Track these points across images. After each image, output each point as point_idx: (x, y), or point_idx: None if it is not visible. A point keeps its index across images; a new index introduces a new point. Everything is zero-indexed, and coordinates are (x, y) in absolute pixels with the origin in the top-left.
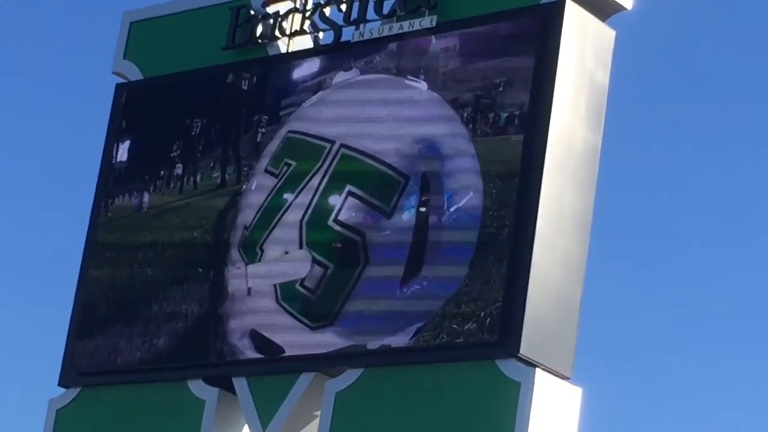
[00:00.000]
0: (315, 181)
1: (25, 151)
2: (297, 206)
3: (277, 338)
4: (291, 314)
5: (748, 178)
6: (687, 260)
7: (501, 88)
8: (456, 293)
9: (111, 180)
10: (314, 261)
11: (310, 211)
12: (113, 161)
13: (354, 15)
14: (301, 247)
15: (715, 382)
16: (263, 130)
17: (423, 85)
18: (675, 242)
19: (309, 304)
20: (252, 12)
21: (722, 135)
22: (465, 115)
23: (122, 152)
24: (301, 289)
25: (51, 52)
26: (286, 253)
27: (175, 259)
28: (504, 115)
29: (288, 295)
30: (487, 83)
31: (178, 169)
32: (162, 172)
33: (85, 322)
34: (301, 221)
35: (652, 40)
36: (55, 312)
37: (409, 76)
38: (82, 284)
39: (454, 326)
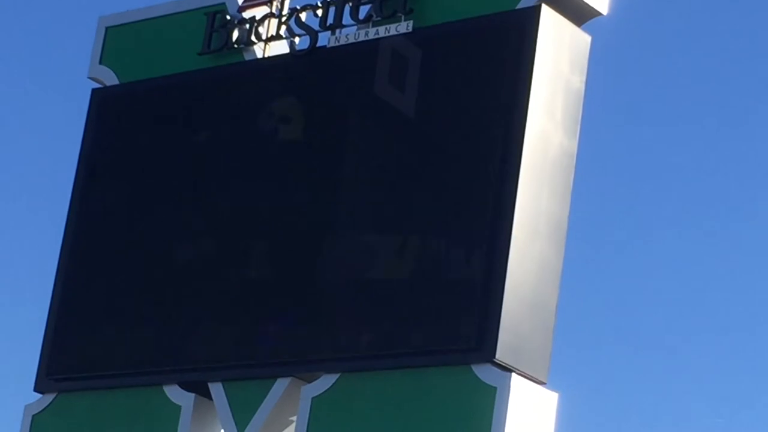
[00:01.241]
0: None
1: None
2: None
3: None
4: None
5: (729, 183)
6: (665, 265)
7: (477, 94)
8: (442, 304)
9: (87, 186)
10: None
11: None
12: (88, 167)
13: (330, 20)
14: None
15: (694, 387)
16: (237, 136)
17: (399, 98)
18: (652, 247)
19: None
20: (228, 17)
21: (700, 139)
22: (442, 123)
23: (98, 158)
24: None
25: (26, 58)
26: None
27: (155, 271)
28: (480, 120)
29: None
30: (463, 89)
31: (153, 176)
32: (136, 179)
33: (62, 328)
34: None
35: (627, 46)
36: (31, 317)
37: (383, 93)
38: (57, 291)
39: (433, 331)
